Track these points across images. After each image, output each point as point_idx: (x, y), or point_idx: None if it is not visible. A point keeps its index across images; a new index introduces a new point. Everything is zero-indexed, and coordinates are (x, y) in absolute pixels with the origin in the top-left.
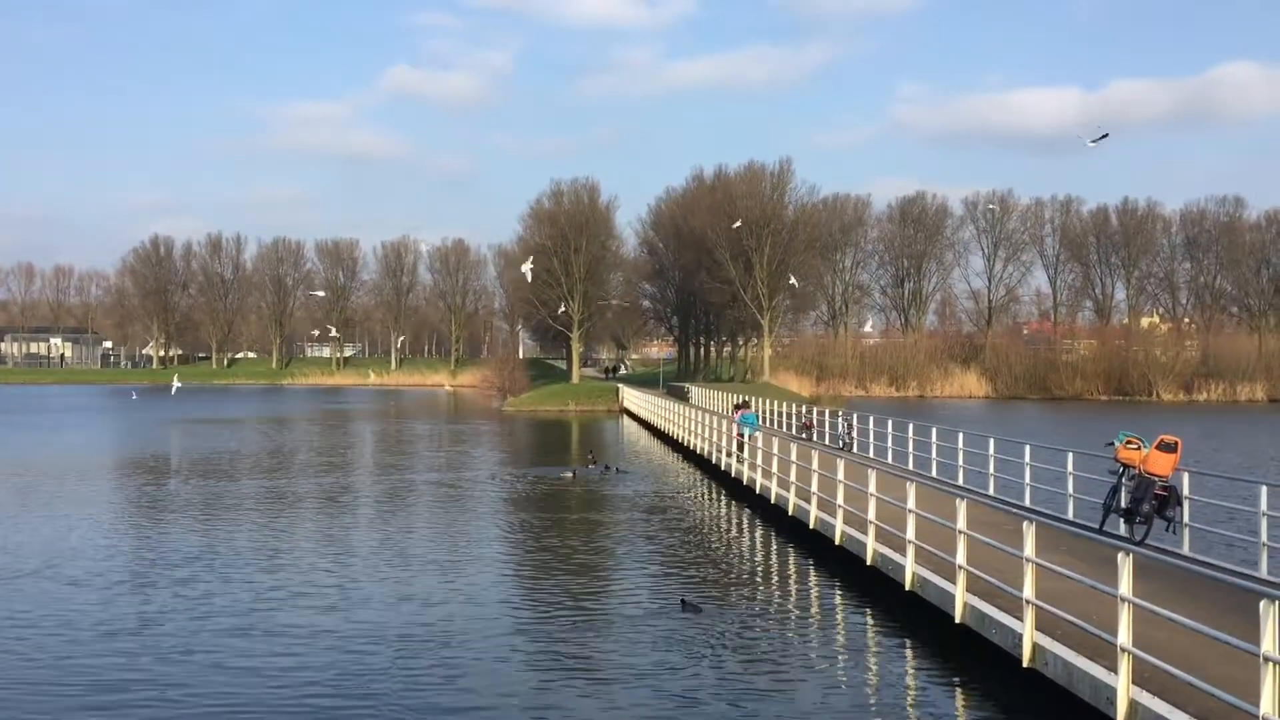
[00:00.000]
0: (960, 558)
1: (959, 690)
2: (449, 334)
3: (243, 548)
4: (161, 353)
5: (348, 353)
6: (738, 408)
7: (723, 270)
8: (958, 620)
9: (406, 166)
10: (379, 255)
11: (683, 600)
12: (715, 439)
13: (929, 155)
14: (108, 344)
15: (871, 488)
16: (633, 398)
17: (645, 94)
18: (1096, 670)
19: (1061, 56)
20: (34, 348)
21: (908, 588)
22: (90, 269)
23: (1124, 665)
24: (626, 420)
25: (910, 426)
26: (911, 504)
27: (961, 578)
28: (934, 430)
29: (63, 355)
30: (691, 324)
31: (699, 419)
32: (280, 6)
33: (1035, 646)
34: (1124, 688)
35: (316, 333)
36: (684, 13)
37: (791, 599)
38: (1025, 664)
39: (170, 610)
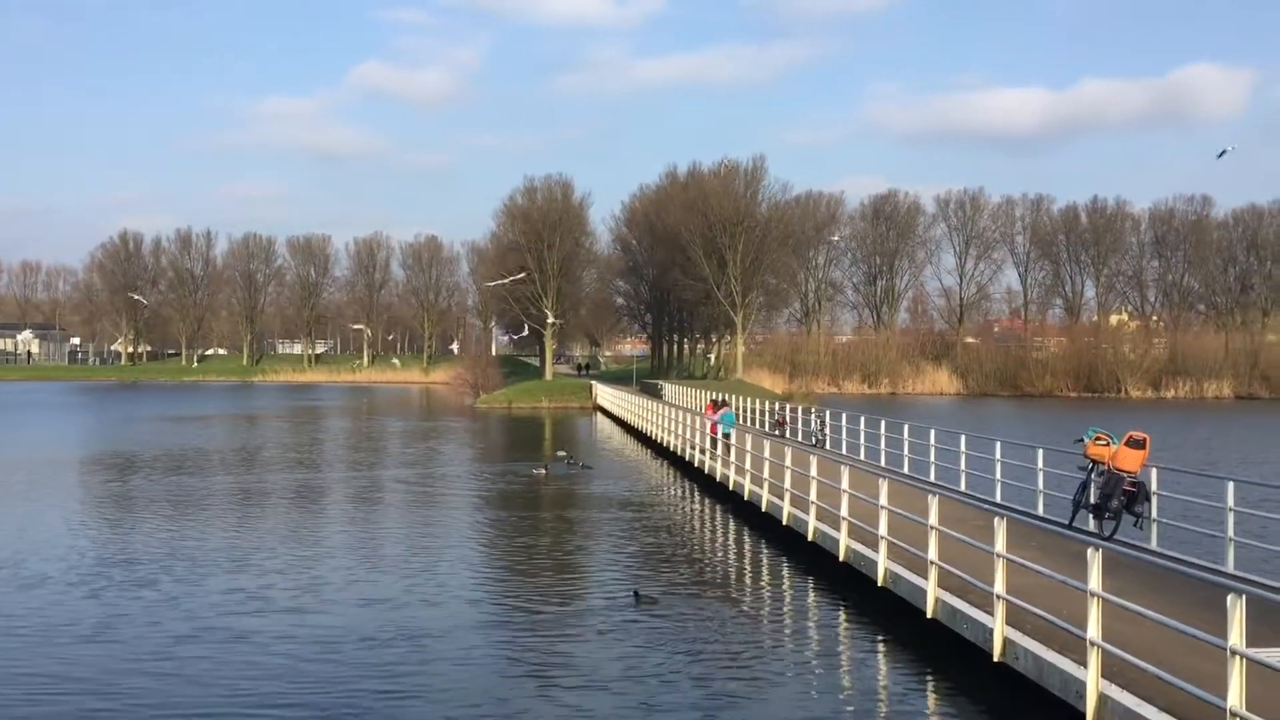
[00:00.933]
0: (932, 553)
1: (930, 684)
2: (422, 331)
3: (205, 548)
4: (130, 349)
5: (319, 350)
6: (717, 406)
7: (696, 267)
8: (929, 615)
9: (379, 163)
10: (351, 251)
11: (635, 592)
12: (689, 435)
13: (900, 154)
14: (75, 340)
15: (844, 484)
16: (606, 394)
17: (618, 91)
18: (1066, 664)
19: (1031, 56)
20: (1, 344)
21: (880, 583)
22: (58, 264)
23: (1093, 659)
24: (600, 417)
25: (882, 423)
26: (884, 500)
27: (933, 573)
28: (906, 427)
29: (29, 352)
30: (665, 321)
31: (672, 415)
32: (252, 3)
33: (1006, 641)
34: (1093, 681)
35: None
36: (655, 11)
37: (764, 595)
38: (996, 658)
39: (126, 613)
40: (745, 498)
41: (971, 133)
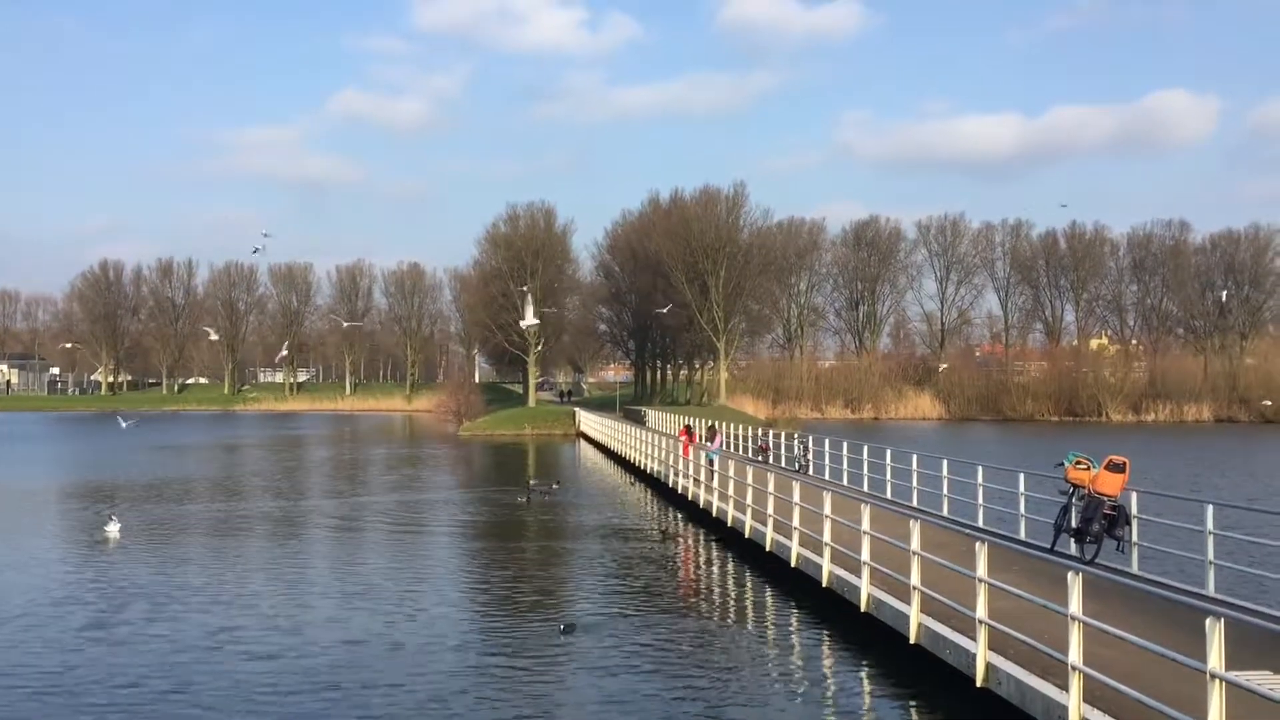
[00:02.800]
0: (914, 579)
1: (914, 710)
2: (404, 358)
3: (173, 583)
4: (110, 379)
5: (301, 378)
6: (711, 436)
7: (679, 294)
8: (912, 641)
9: (359, 190)
10: (333, 279)
11: (563, 625)
12: (672, 461)
13: (877, 180)
14: (55, 370)
15: (827, 510)
16: (589, 421)
17: (596, 119)
18: (1048, 689)
19: (1001, 83)
20: None
21: (863, 609)
22: (37, 293)
23: (1075, 684)
24: (583, 444)
25: (865, 448)
26: (866, 526)
27: (916, 598)
28: (888, 452)
29: (8, 382)
30: (648, 347)
31: (655, 442)
32: (229, 31)
33: (988, 666)
34: (1075, 706)
35: (283, 353)
36: (629, 40)
37: (748, 621)
38: (979, 683)
39: (84, 658)
40: (729, 524)
41: (945, 159)
